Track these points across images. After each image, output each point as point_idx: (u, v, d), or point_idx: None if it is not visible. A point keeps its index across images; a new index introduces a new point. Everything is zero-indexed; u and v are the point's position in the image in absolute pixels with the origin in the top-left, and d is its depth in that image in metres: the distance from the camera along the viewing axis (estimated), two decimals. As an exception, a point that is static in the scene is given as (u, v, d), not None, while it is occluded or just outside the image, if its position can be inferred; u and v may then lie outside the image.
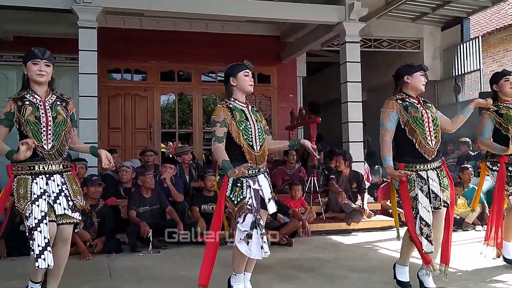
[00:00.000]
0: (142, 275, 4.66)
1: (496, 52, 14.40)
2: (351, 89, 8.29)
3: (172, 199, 6.64)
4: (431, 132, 3.73)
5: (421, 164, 3.72)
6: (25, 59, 3.41)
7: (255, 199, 3.49)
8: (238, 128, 3.51)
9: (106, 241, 5.76)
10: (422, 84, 3.86)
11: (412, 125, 3.70)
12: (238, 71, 3.63)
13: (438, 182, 3.75)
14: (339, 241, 6.45)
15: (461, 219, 7.13)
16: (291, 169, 8.59)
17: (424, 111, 3.79)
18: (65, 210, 3.33)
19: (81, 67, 7.14)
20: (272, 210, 3.60)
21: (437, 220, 3.76)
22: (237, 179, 3.47)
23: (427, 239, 3.64)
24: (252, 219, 3.45)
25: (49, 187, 3.32)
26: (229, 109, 3.56)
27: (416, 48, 11.01)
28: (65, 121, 3.41)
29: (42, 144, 3.31)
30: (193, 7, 7.80)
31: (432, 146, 3.72)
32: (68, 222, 3.36)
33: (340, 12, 8.30)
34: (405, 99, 3.82)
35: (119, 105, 10.32)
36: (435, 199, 3.72)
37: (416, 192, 3.69)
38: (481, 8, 10.20)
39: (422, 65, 3.99)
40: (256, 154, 3.54)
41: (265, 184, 3.62)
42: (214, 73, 11.16)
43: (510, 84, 4.42)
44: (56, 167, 3.37)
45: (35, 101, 3.37)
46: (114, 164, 7.41)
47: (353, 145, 8.16)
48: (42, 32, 9.17)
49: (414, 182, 3.71)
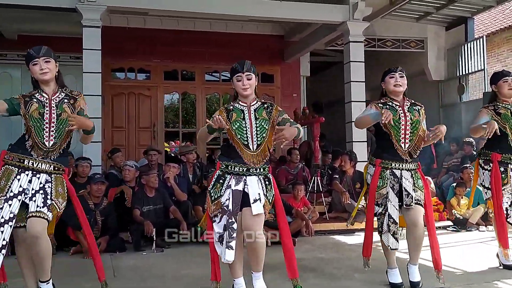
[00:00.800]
0: (146, 274, 4.68)
1: (500, 52, 14.36)
2: (355, 88, 8.28)
3: (175, 198, 6.64)
4: (406, 135, 3.85)
5: (396, 162, 3.86)
6: (26, 62, 3.43)
7: (233, 201, 3.46)
8: (232, 128, 3.54)
9: (110, 240, 5.77)
10: (393, 86, 3.93)
11: (388, 127, 3.83)
12: (232, 76, 3.67)
13: (412, 182, 3.86)
14: (342, 241, 6.45)
15: (465, 219, 7.11)
16: (294, 169, 8.58)
17: (404, 114, 3.87)
18: (38, 208, 3.25)
19: (85, 66, 7.16)
20: (256, 211, 3.45)
21: (412, 218, 3.83)
22: (221, 174, 3.54)
23: (393, 236, 3.81)
24: (226, 222, 3.46)
25: (31, 184, 3.29)
26: (226, 110, 3.61)
27: (420, 48, 10.98)
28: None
29: (44, 140, 3.31)
30: (197, 6, 7.81)
31: (404, 149, 3.84)
32: (37, 216, 3.23)
33: (344, 11, 8.29)
34: (387, 103, 3.94)
35: (122, 104, 10.33)
36: (407, 196, 3.82)
37: (388, 190, 3.85)
38: (485, 7, 10.16)
39: (392, 67, 4.04)
40: (252, 153, 3.53)
41: (254, 185, 3.53)
42: (218, 73, 11.16)
43: (508, 85, 4.42)
44: (45, 167, 3.35)
45: (42, 99, 3.39)
46: (118, 163, 7.44)
47: (356, 145, 8.15)
48: (46, 31, 9.19)
49: (386, 180, 3.84)
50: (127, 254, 5.66)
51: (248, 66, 3.61)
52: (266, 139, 3.58)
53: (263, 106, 3.68)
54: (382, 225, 3.88)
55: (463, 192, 7.39)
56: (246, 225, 3.47)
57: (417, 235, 3.86)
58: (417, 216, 3.84)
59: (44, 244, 3.26)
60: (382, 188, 3.87)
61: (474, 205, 7.32)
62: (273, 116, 3.63)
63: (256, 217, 3.47)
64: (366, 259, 4.11)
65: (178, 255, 5.55)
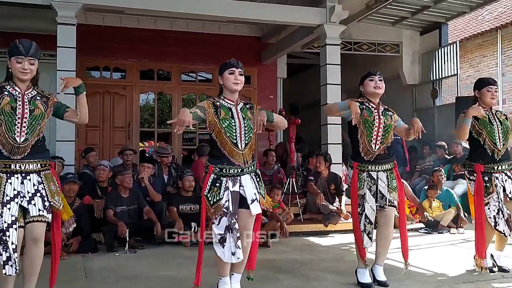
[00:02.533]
0: (118, 275, 4.62)
1: (473, 57, 14.66)
2: (331, 91, 8.34)
3: (149, 199, 6.59)
4: (378, 137, 3.99)
5: (372, 165, 4.00)
6: (9, 53, 3.31)
7: (232, 202, 3.49)
8: (221, 126, 3.52)
9: (82, 241, 5.68)
10: (373, 88, 4.06)
11: (362, 126, 3.97)
12: (224, 70, 3.67)
13: (386, 183, 4.02)
14: (317, 243, 6.48)
15: (436, 221, 7.23)
16: (270, 170, 8.61)
17: (378, 116, 4.01)
18: (39, 211, 3.25)
19: (60, 64, 7.04)
20: (255, 211, 3.55)
21: (385, 218, 4.06)
22: (217, 178, 3.52)
23: (368, 236, 3.98)
24: (227, 223, 3.46)
25: (25, 186, 3.25)
26: (214, 105, 3.58)
27: (395, 52, 11.13)
28: (42, 115, 3.33)
29: (15, 136, 3.21)
30: (174, 6, 7.76)
31: (374, 150, 3.98)
32: (39, 220, 3.26)
33: (321, 14, 8.35)
34: (364, 103, 4.06)
35: (97, 103, 10.18)
36: (381, 198, 4.00)
37: (365, 191, 3.99)
38: (459, 14, 10.35)
39: (371, 71, 4.18)
40: (241, 152, 3.54)
41: (249, 185, 3.57)
42: (195, 73, 11.12)
43: (491, 94, 4.46)
44: (33, 166, 3.29)
45: (14, 92, 3.30)
46: (92, 163, 7.35)
47: (332, 147, 8.21)
48: (20, 27, 9.00)
49: (364, 182, 4.00)
50: (99, 255, 5.59)
51: (241, 64, 3.70)
52: (252, 139, 3.64)
53: (246, 106, 3.73)
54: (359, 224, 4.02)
55: (434, 194, 7.50)
56: (242, 224, 3.54)
57: (387, 236, 4.07)
58: (389, 217, 4.06)
59: (41, 247, 3.33)
60: (360, 189, 4.01)
61: (445, 208, 7.46)
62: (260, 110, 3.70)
63: (251, 218, 3.58)
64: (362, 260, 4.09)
65: (151, 256, 5.50)
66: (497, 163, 4.39)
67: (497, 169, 4.39)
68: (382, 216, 4.05)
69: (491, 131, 4.38)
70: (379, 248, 4.12)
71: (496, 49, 13.91)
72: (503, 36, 13.76)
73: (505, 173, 4.42)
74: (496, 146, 4.37)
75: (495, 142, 4.37)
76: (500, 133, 4.40)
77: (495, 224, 4.34)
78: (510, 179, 4.42)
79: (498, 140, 4.37)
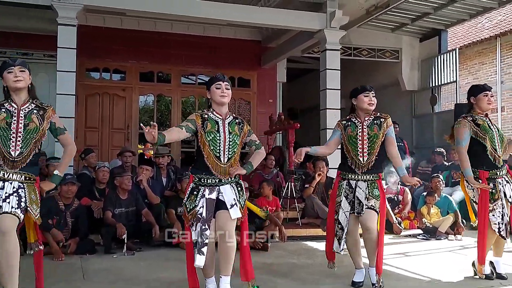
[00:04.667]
0: (116, 277, 4.62)
1: (472, 64, 14.69)
2: (330, 96, 8.35)
3: (148, 201, 6.58)
4: (364, 149, 4.13)
5: (353, 174, 4.17)
6: (0, 71, 3.44)
7: (206, 208, 3.57)
8: (206, 139, 3.62)
9: (80, 242, 5.68)
10: (367, 104, 4.18)
11: (346, 142, 4.21)
12: (210, 84, 3.75)
13: (365, 191, 4.13)
14: (315, 247, 6.47)
15: (434, 228, 7.23)
16: (269, 174, 8.60)
17: (362, 130, 4.16)
18: (13, 209, 3.26)
19: (59, 65, 7.06)
20: (234, 215, 3.61)
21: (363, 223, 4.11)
22: (195, 187, 3.67)
23: (338, 241, 4.18)
24: (199, 229, 3.56)
25: (4, 189, 3.30)
26: (202, 118, 3.69)
27: (395, 58, 11.15)
28: (36, 129, 3.42)
29: (10, 150, 3.32)
30: (175, 9, 7.79)
31: (362, 162, 4.13)
32: (8, 212, 3.24)
33: (322, 19, 8.37)
34: (350, 119, 4.27)
35: (96, 105, 10.20)
36: (358, 205, 4.10)
37: (341, 198, 4.18)
38: (458, 21, 10.38)
39: (366, 86, 4.27)
40: (223, 166, 3.64)
41: (228, 192, 3.65)
42: (194, 76, 11.13)
43: (487, 100, 4.47)
44: (16, 177, 3.35)
45: (11, 109, 3.42)
46: (92, 164, 7.34)
47: (330, 152, 8.19)
48: (21, 27, 9.03)
49: (342, 190, 4.20)
50: (97, 256, 5.57)
51: (227, 78, 3.77)
52: (236, 154, 3.72)
53: (235, 121, 3.79)
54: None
55: (433, 201, 7.50)
56: (220, 224, 3.60)
57: (370, 239, 4.13)
58: (368, 221, 4.10)
59: (12, 242, 3.24)
60: (338, 196, 4.23)
61: (443, 214, 7.46)
62: (244, 133, 3.79)
63: (231, 220, 3.62)
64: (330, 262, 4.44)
65: (149, 258, 5.49)
66: (498, 169, 4.40)
67: (500, 175, 4.41)
68: (361, 221, 4.13)
69: (492, 136, 4.39)
70: (367, 252, 4.21)
71: (495, 56, 13.95)
72: (502, 44, 13.80)
73: (503, 178, 4.43)
74: (496, 152, 4.38)
75: (496, 148, 4.38)
76: (498, 139, 4.41)
77: (499, 230, 4.33)
78: (509, 183, 4.43)
79: (497, 146, 4.39)
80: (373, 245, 4.12)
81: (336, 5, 8.35)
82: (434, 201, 7.52)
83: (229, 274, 3.69)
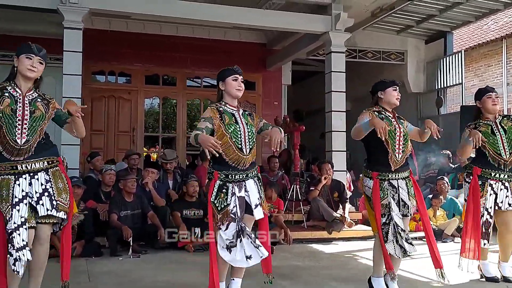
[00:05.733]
0: (121, 279, 4.62)
1: (478, 66, 14.65)
2: (336, 98, 8.34)
3: (153, 203, 6.59)
4: (400, 145, 3.97)
5: (392, 173, 3.96)
6: (19, 51, 3.35)
7: (239, 207, 3.50)
8: (227, 131, 3.52)
9: (86, 245, 5.70)
10: (395, 99, 4.07)
11: (386, 137, 3.82)
12: (227, 76, 3.66)
13: (406, 191, 3.99)
14: (320, 250, 6.47)
15: (440, 230, 7.20)
16: (274, 176, 8.60)
17: (398, 125, 4.00)
18: (48, 211, 3.27)
19: (65, 68, 7.09)
20: (258, 216, 3.58)
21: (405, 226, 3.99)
22: (223, 184, 3.52)
23: (407, 242, 3.88)
24: (236, 228, 3.47)
25: (33, 187, 3.26)
26: (218, 111, 3.59)
27: (400, 60, 11.13)
28: (43, 117, 3.34)
29: (15, 138, 3.22)
30: (180, 12, 7.79)
31: (398, 159, 3.95)
32: (46, 222, 3.30)
33: (327, 22, 8.37)
34: (381, 112, 4.03)
35: (102, 107, 10.22)
36: (403, 206, 3.97)
37: (389, 200, 3.93)
38: (464, 23, 10.36)
39: (395, 80, 4.17)
40: (246, 156, 3.55)
41: (253, 190, 3.59)
42: (200, 78, 11.14)
43: (492, 101, 4.47)
44: (39, 165, 3.31)
45: (15, 94, 3.31)
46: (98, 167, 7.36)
47: (336, 154, 8.21)
48: (27, 31, 9.05)
49: (387, 191, 3.95)
50: (103, 259, 5.59)
51: (242, 72, 3.71)
52: (255, 144, 3.66)
53: (245, 112, 3.74)
54: (387, 235, 3.92)
55: (439, 203, 7.48)
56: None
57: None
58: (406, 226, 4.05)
59: (46, 247, 3.38)
60: (384, 199, 3.94)
61: (449, 217, 7.44)
62: (256, 123, 3.72)
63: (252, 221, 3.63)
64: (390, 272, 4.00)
65: (155, 261, 5.50)
66: (496, 171, 4.37)
67: (494, 176, 4.38)
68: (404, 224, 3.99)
69: (493, 142, 4.36)
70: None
71: (501, 58, 13.91)
72: (508, 46, 13.76)
73: (502, 183, 4.39)
74: (501, 157, 4.34)
75: (500, 153, 4.34)
76: (505, 142, 4.36)
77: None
78: (506, 190, 4.38)
79: (503, 150, 4.34)
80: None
81: (341, 8, 8.34)
82: (440, 203, 7.50)
83: (242, 277, 3.67)
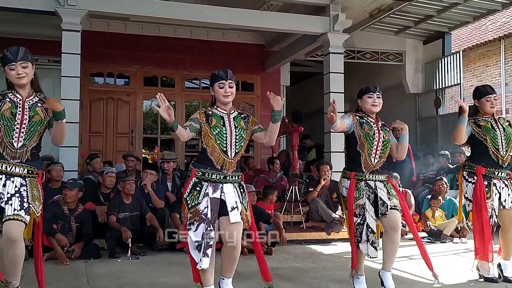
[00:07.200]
0: (120, 281, 4.62)
1: (476, 67, 14.68)
2: (334, 99, 8.31)
3: (152, 205, 6.59)
4: (377, 150, 4.03)
5: (370, 174, 4.03)
6: (2, 63, 3.37)
7: (211, 208, 3.48)
8: (212, 133, 3.55)
9: (84, 247, 5.70)
10: (370, 105, 4.12)
11: (363, 139, 4.01)
12: (214, 82, 3.67)
13: (386, 191, 4.03)
14: (319, 251, 6.47)
15: (439, 231, 7.21)
16: (273, 178, 8.60)
17: (378, 131, 4.06)
18: (15, 211, 3.21)
19: (64, 70, 7.09)
20: (234, 219, 3.50)
21: (389, 223, 3.98)
22: (198, 182, 3.53)
23: (372, 245, 3.95)
24: (203, 230, 3.46)
25: (6, 188, 3.25)
26: (205, 114, 3.62)
27: (399, 61, 11.14)
28: (41, 122, 3.37)
29: (12, 141, 3.25)
30: (178, 13, 7.80)
31: (373, 163, 4.02)
32: (15, 219, 3.20)
33: (325, 23, 8.37)
34: (363, 117, 4.12)
35: (101, 109, 10.21)
36: (382, 205, 3.97)
37: (364, 200, 3.98)
38: (462, 23, 10.37)
39: (370, 86, 4.20)
40: (230, 160, 3.56)
41: (231, 193, 3.56)
42: (198, 80, 11.14)
43: (490, 104, 4.48)
44: (19, 170, 3.31)
45: (16, 99, 3.34)
46: (97, 169, 7.35)
47: (335, 155, 8.21)
48: (25, 33, 9.05)
49: (362, 191, 4.01)
50: (101, 261, 5.58)
51: (231, 74, 3.66)
52: (243, 148, 3.66)
53: (240, 115, 3.74)
54: (361, 235, 3.98)
55: (438, 204, 7.49)
56: (229, 233, 3.50)
57: (395, 240, 4.01)
58: (395, 220, 4.00)
59: (20, 248, 3.25)
60: (359, 199, 4.00)
61: (448, 217, 7.44)
62: (250, 127, 3.73)
63: (235, 225, 3.52)
64: (354, 270, 4.13)
65: (154, 262, 5.50)
66: (498, 169, 4.39)
67: (497, 175, 4.40)
68: (387, 221, 3.99)
69: (494, 137, 4.39)
70: (386, 254, 4.06)
71: (499, 59, 13.94)
72: (506, 46, 13.79)
73: (502, 181, 4.42)
74: (499, 153, 4.37)
75: (498, 149, 4.37)
76: (503, 139, 4.40)
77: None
78: (507, 188, 4.41)
79: (501, 147, 4.37)
80: (396, 246, 4.04)
81: (339, 9, 8.35)
82: (439, 204, 7.51)
83: (231, 276, 3.65)
